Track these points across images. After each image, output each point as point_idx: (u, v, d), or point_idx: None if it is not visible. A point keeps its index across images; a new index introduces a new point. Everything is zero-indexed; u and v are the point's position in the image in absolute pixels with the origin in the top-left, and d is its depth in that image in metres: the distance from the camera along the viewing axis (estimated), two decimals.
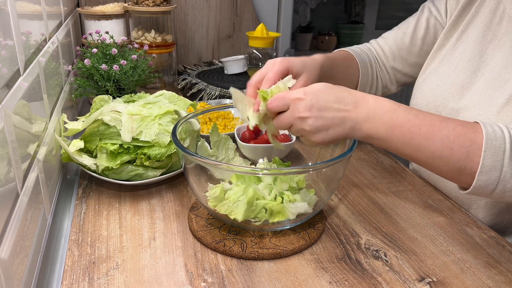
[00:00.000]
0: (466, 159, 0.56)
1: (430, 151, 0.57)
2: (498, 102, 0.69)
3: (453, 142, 0.56)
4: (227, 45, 1.58)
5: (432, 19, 0.88)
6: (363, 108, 0.60)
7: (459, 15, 0.82)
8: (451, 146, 0.56)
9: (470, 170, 0.56)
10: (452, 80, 0.79)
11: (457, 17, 0.83)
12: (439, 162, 0.58)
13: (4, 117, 0.48)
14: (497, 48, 0.75)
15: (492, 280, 0.59)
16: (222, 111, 1.03)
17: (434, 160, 0.58)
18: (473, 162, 0.56)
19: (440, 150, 0.57)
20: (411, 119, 0.58)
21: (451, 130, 0.57)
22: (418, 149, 0.58)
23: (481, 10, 0.79)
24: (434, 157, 0.57)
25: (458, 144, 0.56)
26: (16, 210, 0.50)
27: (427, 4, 0.90)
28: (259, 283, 0.57)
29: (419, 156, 0.59)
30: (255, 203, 0.63)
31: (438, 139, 0.57)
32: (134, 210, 0.72)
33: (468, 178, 0.57)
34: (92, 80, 1.00)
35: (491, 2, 0.78)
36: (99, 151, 0.73)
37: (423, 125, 0.58)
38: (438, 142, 0.57)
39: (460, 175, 0.57)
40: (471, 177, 0.56)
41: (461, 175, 0.57)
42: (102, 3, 1.32)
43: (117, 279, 0.57)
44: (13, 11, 0.57)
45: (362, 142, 1.01)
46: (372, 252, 0.63)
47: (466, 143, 0.56)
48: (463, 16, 0.82)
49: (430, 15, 0.88)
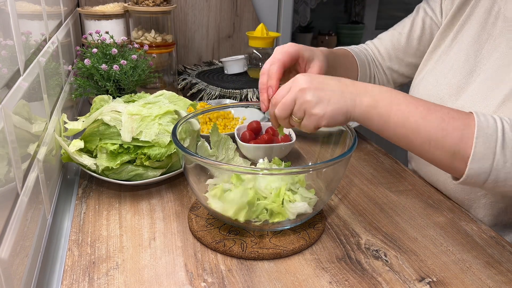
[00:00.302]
0: (460, 143, 0.56)
1: (426, 131, 0.57)
2: (494, 102, 0.69)
3: (448, 124, 0.56)
4: (227, 45, 1.58)
5: (427, 20, 0.88)
6: (362, 85, 0.62)
7: (454, 15, 0.82)
8: (446, 127, 0.56)
9: (463, 155, 0.56)
10: (448, 80, 0.79)
11: (452, 17, 0.83)
12: (434, 146, 0.57)
13: (4, 117, 0.48)
14: (492, 48, 0.75)
15: (492, 280, 0.59)
16: (222, 111, 1.03)
17: (429, 144, 0.58)
18: (466, 146, 0.55)
19: (436, 131, 0.57)
20: (408, 99, 0.60)
21: (446, 113, 0.58)
22: (415, 130, 0.58)
23: (476, 10, 0.79)
24: (430, 139, 0.57)
25: (452, 126, 0.56)
26: (16, 210, 0.50)
27: (422, 5, 0.90)
28: (259, 283, 0.57)
29: (415, 138, 0.58)
30: (256, 204, 0.63)
31: (434, 118, 0.57)
32: (134, 210, 0.72)
33: (461, 164, 0.56)
34: (92, 80, 1.00)
35: (485, 2, 0.78)
36: (99, 151, 0.73)
37: (419, 105, 0.59)
38: (434, 122, 0.57)
39: (454, 160, 0.57)
40: (464, 162, 0.56)
41: (455, 160, 0.57)
42: (102, 3, 1.32)
43: (117, 279, 0.57)
44: (13, 11, 0.57)
45: (362, 142, 1.01)
46: (372, 252, 0.63)
47: (460, 126, 0.56)
48: (458, 16, 0.82)
49: (425, 16, 0.88)
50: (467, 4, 0.81)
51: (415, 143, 0.59)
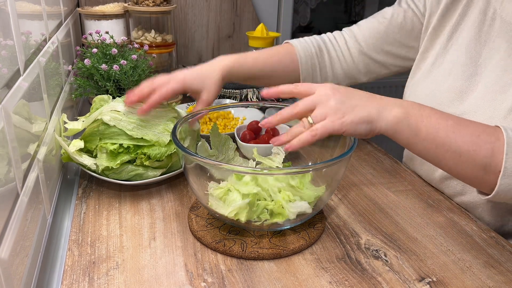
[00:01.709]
0: (491, 156, 0.55)
1: (457, 145, 0.56)
2: (503, 107, 0.68)
3: (479, 137, 0.56)
4: (227, 45, 1.58)
5: (409, 12, 0.87)
6: (390, 98, 0.61)
7: (444, 14, 0.81)
8: (477, 141, 0.56)
9: (495, 168, 0.55)
10: (448, 85, 0.77)
11: (442, 16, 0.81)
12: (465, 159, 0.56)
13: (4, 117, 0.48)
14: (492, 51, 0.73)
15: (492, 280, 0.59)
16: (222, 111, 1.03)
17: (460, 157, 0.56)
18: (497, 160, 0.55)
19: (467, 144, 0.56)
20: (437, 112, 0.59)
21: (476, 126, 0.57)
22: (445, 144, 0.57)
23: (470, 11, 0.77)
24: (461, 153, 0.56)
25: (484, 140, 0.56)
26: (16, 210, 0.50)
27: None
28: (259, 283, 0.57)
29: (445, 152, 0.57)
30: (256, 204, 0.63)
31: (465, 133, 0.56)
32: (134, 210, 0.72)
33: (492, 178, 0.56)
34: (92, 80, 1.00)
35: (479, 3, 0.76)
36: (99, 151, 0.73)
37: (449, 118, 0.58)
38: (466, 136, 0.56)
39: (484, 175, 0.56)
40: (495, 176, 0.55)
41: (485, 174, 0.56)
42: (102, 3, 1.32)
43: (117, 279, 0.57)
44: (13, 11, 0.57)
45: (362, 142, 1.01)
46: (372, 252, 0.63)
47: (491, 139, 0.55)
48: (448, 16, 0.80)
49: (407, 8, 0.87)
50: (458, 3, 0.79)
51: (446, 156, 0.58)
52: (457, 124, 0.57)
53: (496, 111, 0.69)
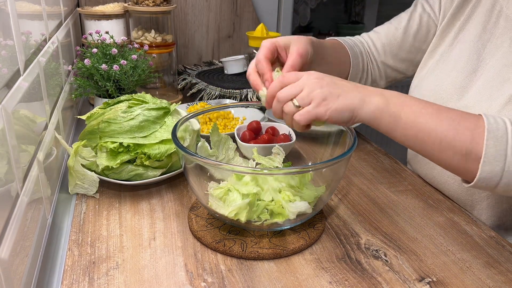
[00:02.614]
0: (471, 142, 0.55)
1: (437, 131, 0.57)
2: (498, 102, 0.69)
3: (459, 124, 0.56)
4: (227, 45, 1.58)
5: (425, 16, 0.87)
6: (372, 88, 0.62)
7: (454, 14, 0.82)
8: (457, 127, 0.56)
9: (476, 155, 0.55)
10: (451, 80, 0.78)
11: (452, 15, 0.82)
12: (446, 146, 0.57)
13: (4, 117, 0.48)
14: (495, 47, 0.74)
15: (492, 280, 0.59)
16: (222, 111, 1.03)
17: (440, 144, 0.57)
18: (478, 146, 0.55)
19: (447, 131, 0.56)
20: (418, 100, 0.60)
21: (456, 114, 0.58)
22: (426, 130, 0.57)
23: (477, 10, 0.79)
24: (441, 140, 0.57)
25: (464, 126, 0.56)
26: (16, 210, 0.50)
27: (420, 1, 0.89)
28: (259, 283, 0.57)
29: (426, 138, 0.58)
30: (256, 204, 0.63)
31: (445, 119, 0.57)
32: (134, 210, 0.72)
33: (473, 166, 0.56)
34: (92, 80, 1.00)
35: (487, 2, 0.77)
36: (99, 150, 0.73)
37: (429, 106, 0.59)
38: (445, 122, 0.57)
39: (467, 162, 0.56)
40: (476, 163, 0.55)
41: (467, 162, 0.56)
42: (102, 3, 1.32)
43: (117, 279, 0.57)
44: (13, 11, 0.57)
45: (362, 142, 1.01)
46: (372, 252, 0.63)
47: (471, 125, 0.56)
48: (458, 15, 0.82)
49: (423, 12, 0.88)
50: (468, 3, 0.80)
51: (427, 143, 0.58)
52: (437, 112, 0.58)
53: (491, 106, 0.70)
